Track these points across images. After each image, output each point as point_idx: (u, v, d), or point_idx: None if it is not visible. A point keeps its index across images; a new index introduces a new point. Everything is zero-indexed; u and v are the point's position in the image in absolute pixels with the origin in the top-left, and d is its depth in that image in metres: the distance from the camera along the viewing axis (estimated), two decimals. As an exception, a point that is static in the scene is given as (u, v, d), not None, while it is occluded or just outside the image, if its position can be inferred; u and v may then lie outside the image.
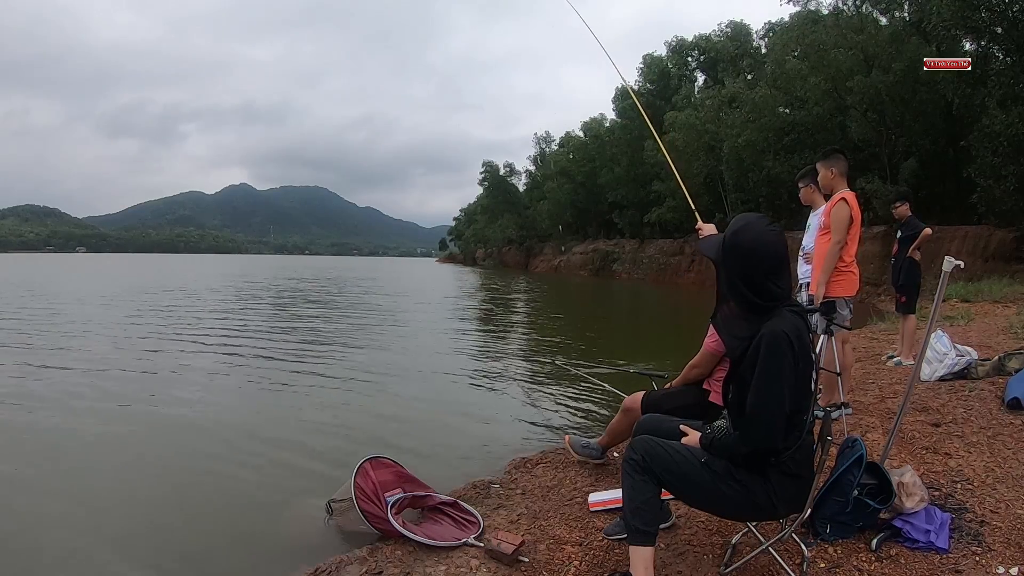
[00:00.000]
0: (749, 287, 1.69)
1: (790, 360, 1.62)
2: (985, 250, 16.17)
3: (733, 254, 1.72)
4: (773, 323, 1.65)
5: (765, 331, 1.64)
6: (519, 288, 26.90)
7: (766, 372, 1.62)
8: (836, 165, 3.61)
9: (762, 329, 1.66)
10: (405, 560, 2.21)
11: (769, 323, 1.66)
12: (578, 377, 5.77)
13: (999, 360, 4.28)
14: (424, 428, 4.49)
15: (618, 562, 2.12)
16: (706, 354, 2.59)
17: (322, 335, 9.63)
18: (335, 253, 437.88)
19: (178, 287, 21.82)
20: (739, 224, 1.75)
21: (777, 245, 1.70)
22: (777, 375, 1.62)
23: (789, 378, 1.63)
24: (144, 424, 4.50)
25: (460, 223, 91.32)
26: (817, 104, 24.02)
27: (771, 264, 1.69)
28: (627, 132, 40.40)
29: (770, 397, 1.62)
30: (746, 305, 1.71)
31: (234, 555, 2.61)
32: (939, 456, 2.92)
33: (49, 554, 2.59)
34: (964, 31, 16.40)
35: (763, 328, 1.66)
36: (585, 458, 3.12)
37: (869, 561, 2.06)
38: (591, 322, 13.83)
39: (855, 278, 3.62)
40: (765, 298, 1.69)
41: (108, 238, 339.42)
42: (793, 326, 1.65)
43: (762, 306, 1.69)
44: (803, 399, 1.68)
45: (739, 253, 1.71)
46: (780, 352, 1.62)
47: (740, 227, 1.74)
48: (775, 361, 1.62)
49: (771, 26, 34.47)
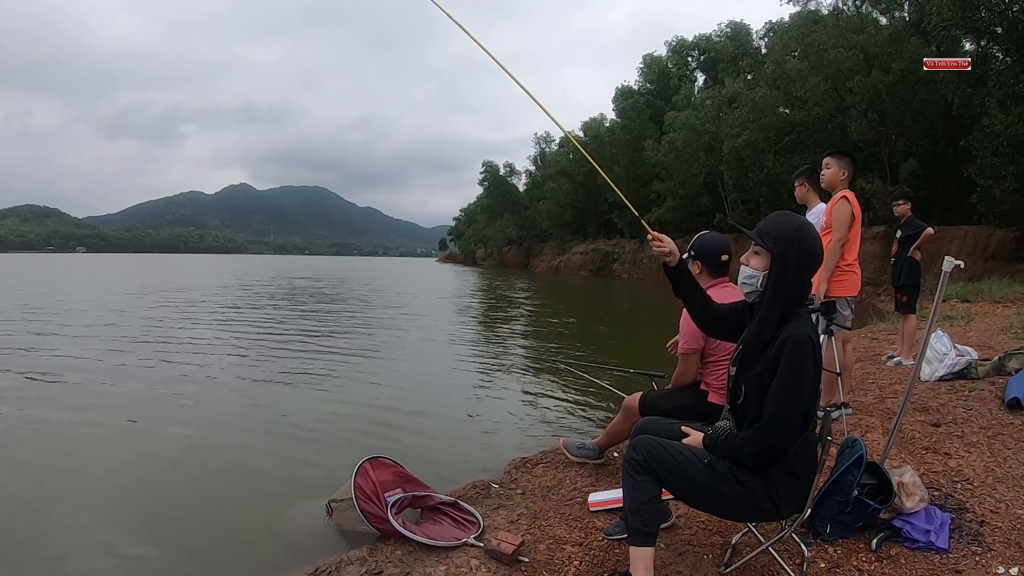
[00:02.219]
0: (800, 284, 1.69)
1: (811, 366, 1.62)
2: (985, 250, 16.17)
3: (802, 249, 1.68)
4: (796, 326, 1.64)
5: (790, 334, 1.63)
6: (519, 288, 26.90)
7: (791, 376, 1.61)
8: (849, 168, 3.63)
9: (784, 331, 1.64)
10: (405, 560, 2.21)
11: (791, 326, 1.65)
12: (578, 377, 5.76)
13: (999, 360, 4.28)
14: (424, 428, 4.49)
15: (618, 562, 2.12)
16: (684, 358, 2.59)
17: (322, 335, 9.62)
18: (335, 253, 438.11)
19: (181, 287, 21.81)
20: (798, 220, 1.73)
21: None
22: (802, 379, 1.61)
23: (811, 384, 1.63)
24: (144, 424, 4.50)
25: (460, 223, 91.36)
26: (817, 104, 24.02)
27: (818, 264, 1.72)
28: (627, 132, 40.46)
29: (793, 401, 1.61)
30: (785, 303, 1.68)
31: (234, 555, 2.61)
32: (939, 456, 2.92)
33: (50, 555, 2.59)
34: (964, 31, 16.40)
35: (786, 331, 1.64)
36: (583, 458, 3.11)
37: (869, 561, 2.06)
38: (591, 322, 13.83)
39: (857, 278, 3.61)
40: (804, 297, 1.70)
41: (108, 238, 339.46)
42: (814, 329, 1.67)
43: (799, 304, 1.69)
44: (816, 400, 1.69)
45: (807, 250, 1.68)
46: (806, 356, 1.61)
47: (803, 222, 1.72)
48: (801, 365, 1.61)
49: (771, 26, 34.55)
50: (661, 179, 35.13)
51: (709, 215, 32.07)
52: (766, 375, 1.65)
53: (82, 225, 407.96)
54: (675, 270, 1.91)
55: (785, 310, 1.68)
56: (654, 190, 35.54)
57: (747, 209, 29.42)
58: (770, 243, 1.71)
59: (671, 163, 33.19)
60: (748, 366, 1.72)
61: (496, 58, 2.18)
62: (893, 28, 21.75)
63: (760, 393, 1.66)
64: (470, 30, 2.22)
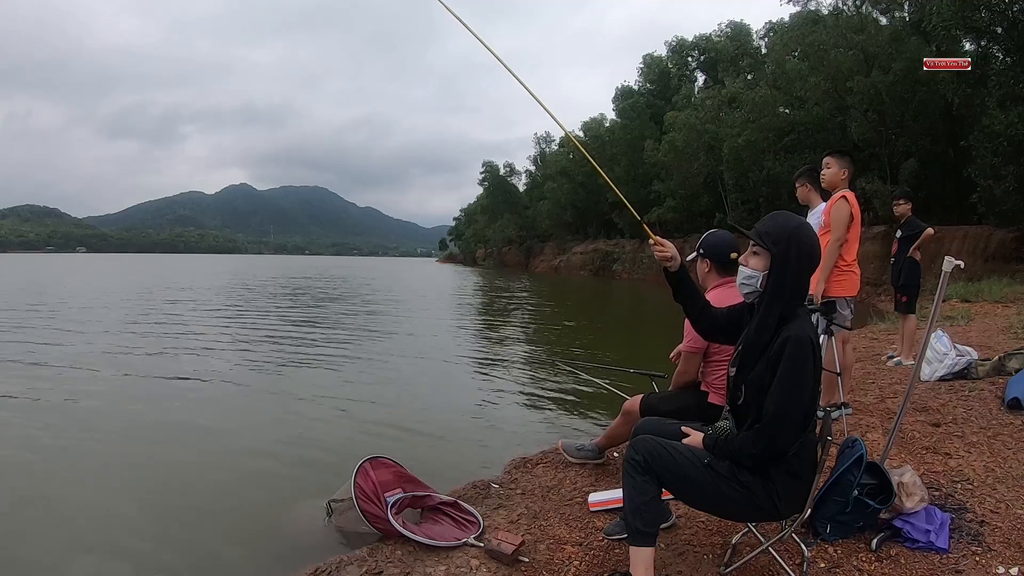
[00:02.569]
0: (800, 284, 1.71)
1: (812, 366, 1.62)
2: (985, 250, 16.17)
3: (801, 250, 1.69)
4: (796, 326, 1.65)
5: (790, 334, 1.63)
6: (519, 288, 26.90)
7: (792, 377, 1.61)
8: (850, 167, 3.62)
9: (784, 332, 1.65)
10: (405, 560, 2.21)
11: (791, 325, 1.65)
12: (578, 377, 5.77)
13: (999, 360, 4.28)
14: (424, 428, 4.49)
15: (618, 562, 2.12)
16: (687, 356, 2.59)
17: (321, 335, 9.63)
18: (335, 253, 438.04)
19: (182, 287, 21.81)
20: (797, 220, 1.74)
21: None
22: (802, 380, 1.62)
23: (811, 383, 1.63)
24: (144, 425, 4.51)
25: (460, 223, 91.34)
26: (817, 104, 24.03)
27: (816, 264, 1.74)
28: (627, 132, 40.43)
29: (794, 402, 1.61)
30: (785, 303, 1.69)
31: (234, 555, 2.61)
32: (939, 456, 2.92)
33: (50, 555, 2.59)
34: (964, 31, 16.41)
35: (786, 331, 1.65)
36: (582, 459, 3.11)
37: (869, 561, 2.06)
38: (591, 322, 13.83)
39: (856, 278, 3.61)
40: (802, 296, 1.72)
41: (108, 238, 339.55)
42: (813, 328, 1.67)
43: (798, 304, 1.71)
44: (816, 401, 1.69)
45: (806, 250, 1.70)
46: (806, 357, 1.61)
47: (801, 223, 1.73)
48: (801, 366, 1.61)
49: (771, 26, 34.49)
50: (661, 179, 35.12)
51: (709, 215, 32.08)
52: (766, 375, 1.65)
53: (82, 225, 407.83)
54: (675, 275, 1.92)
55: (784, 310, 1.69)
56: (654, 190, 35.53)
57: (747, 209, 29.42)
58: (769, 243, 1.71)
59: (671, 163, 33.19)
60: (748, 366, 1.72)
61: (500, 58, 2.18)
62: (893, 28, 21.75)
63: (760, 393, 1.66)
64: (474, 30, 2.22)
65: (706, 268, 2.62)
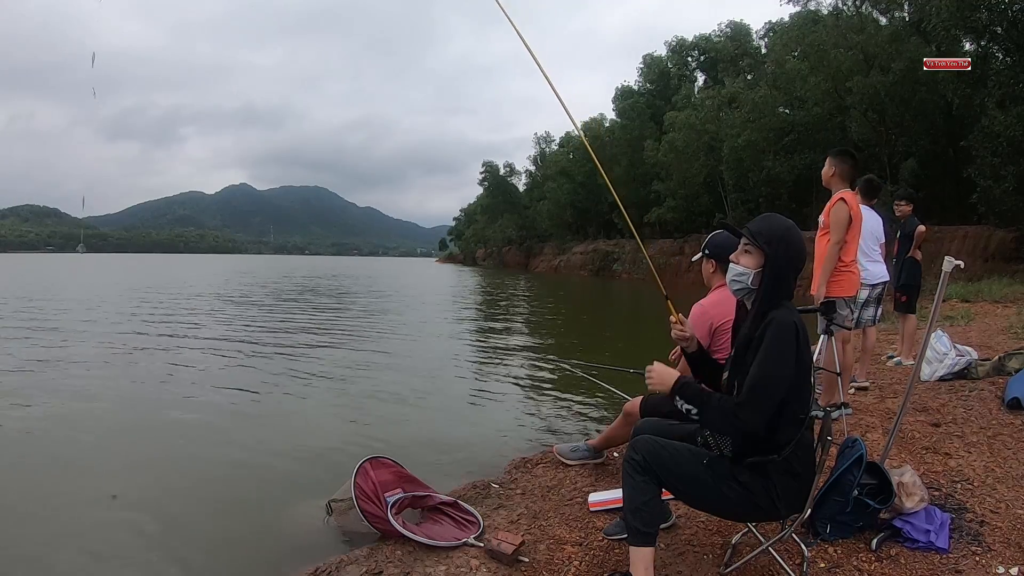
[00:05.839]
0: (789, 282, 1.75)
1: (794, 348, 1.64)
2: (985, 250, 16.18)
3: (791, 250, 1.75)
4: (782, 312, 1.69)
5: (774, 317, 1.67)
6: (519, 288, 26.89)
7: (770, 353, 1.64)
8: (839, 166, 3.59)
9: (770, 315, 1.69)
10: (405, 560, 2.21)
11: (777, 312, 1.69)
12: (578, 377, 5.77)
13: (999, 360, 4.28)
14: (424, 428, 4.49)
15: (618, 562, 2.12)
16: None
17: (322, 335, 9.62)
18: (335, 253, 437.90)
19: (183, 286, 21.80)
20: (787, 222, 1.80)
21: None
22: (782, 357, 1.63)
23: (791, 365, 1.64)
24: (145, 425, 4.51)
25: (460, 223, 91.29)
26: (817, 104, 24.04)
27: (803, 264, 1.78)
28: (627, 132, 40.42)
29: (771, 378, 1.63)
30: (775, 300, 1.73)
31: (234, 555, 2.61)
32: (939, 456, 2.92)
33: (50, 556, 2.59)
34: (964, 31, 16.40)
35: (771, 315, 1.69)
36: (580, 461, 3.11)
37: (869, 561, 2.06)
38: (591, 322, 13.83)
39: (855, 278, 3.62)
40: (789, 294, 1.76)
41: (108, 238, 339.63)
42: (799, 317, 1.71)
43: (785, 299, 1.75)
44: (802, 393, 1.69)
45: (795, 251, 1.75)
46: (788, 338, 1.64)
47: (791, 225, 1.79)
48: (781, 344, 1.64)
49: (771, 26, 34.49)
50: (661, 179, 35.10)
51: (709, 215, 32.04)
52: (751, 359, 1.68)
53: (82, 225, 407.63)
54: (692, 356, 1.99)
55: (772, 306, 1.73)
56: (654, 190, 35.51)
57: (747, 209, 29.38)
58: (763, 242, 1.76)
59: (671, 163, 33.17)
60: (740, 362, 1.74)
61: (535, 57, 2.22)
62: (893, 28, 21.76)
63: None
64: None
65: (711, 268, 2.64)
